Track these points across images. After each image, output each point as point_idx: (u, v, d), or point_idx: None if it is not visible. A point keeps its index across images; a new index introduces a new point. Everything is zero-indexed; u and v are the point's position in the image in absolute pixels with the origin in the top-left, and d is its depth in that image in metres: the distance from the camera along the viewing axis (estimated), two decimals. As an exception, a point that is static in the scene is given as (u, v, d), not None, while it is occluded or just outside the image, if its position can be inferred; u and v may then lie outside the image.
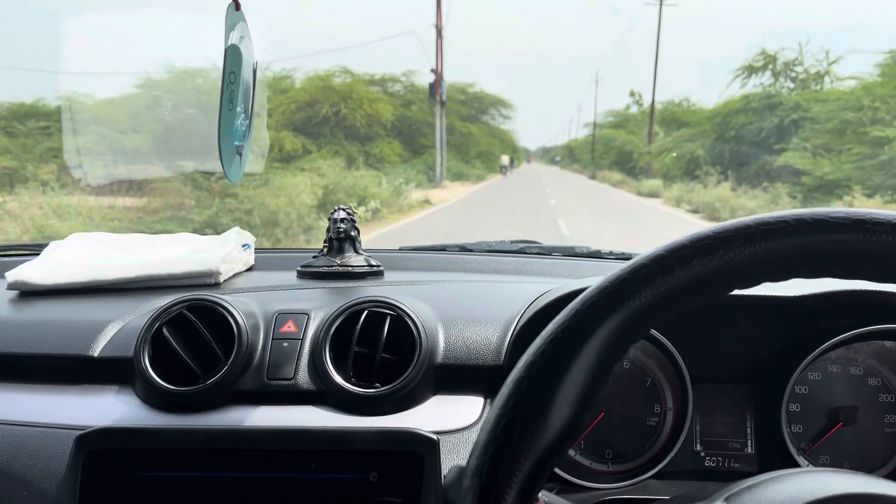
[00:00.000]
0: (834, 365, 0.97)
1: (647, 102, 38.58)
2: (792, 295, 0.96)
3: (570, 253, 1.54)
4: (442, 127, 27.52)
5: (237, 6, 0.69)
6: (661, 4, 34.37)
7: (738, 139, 21.89)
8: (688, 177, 22.24)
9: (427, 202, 18.36)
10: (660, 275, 0.47)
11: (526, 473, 0.46)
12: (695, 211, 17.67)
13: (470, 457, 0.47)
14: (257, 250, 1.41)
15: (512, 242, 1.62)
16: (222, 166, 0.72)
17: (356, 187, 14.20)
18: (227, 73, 0.68)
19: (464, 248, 1.57)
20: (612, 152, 41.60)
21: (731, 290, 0.48)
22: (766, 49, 23.24)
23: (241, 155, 0.76)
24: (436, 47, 27.23)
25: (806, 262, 0.47)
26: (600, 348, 0.47)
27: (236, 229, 1.33)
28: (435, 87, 26.91)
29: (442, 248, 1.57)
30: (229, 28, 0.68)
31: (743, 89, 23.76)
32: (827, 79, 22.30)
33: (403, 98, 30.84)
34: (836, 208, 0.46)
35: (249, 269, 1.34)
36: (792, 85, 22.93)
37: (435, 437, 0.85)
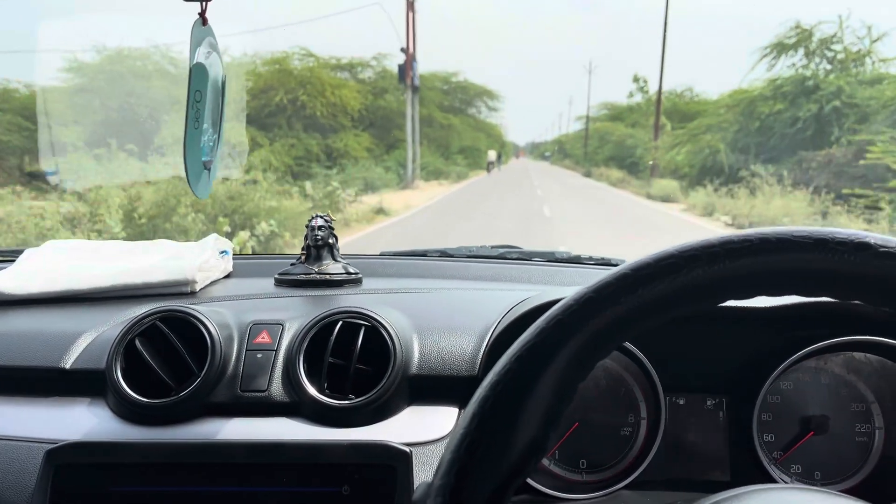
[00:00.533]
0: (805, 374, 0.98)
1: (652, 90, 35.18)
2: (764, 306, 0.97)
3: (551, 259, 1.54)
4: (414, 116, 23.44)
5: (204, 21, 0.68)
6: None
7: (765, 130, 18.21)
8: (707, 176, 18.37)
9: (381, 212, 14.25)
10: (624, 294, 0.47)
11: (490, 493, 0.46)
12: (739, 226, 13.07)
13: (434, 476, 0.47)
14: (236, 257, 1.40)
15: (492, 248, 1.62)
16: (189, 183, 0.72)
17: (244, 203, 9.32)
18: (192, 92, 0.67)
19: (444, 254, 1.57)
20: (608, 147, 38.25)
21: (696, 308, 0.49)
22: (801, 23, 18.98)
23: (209, 170, 0.76)
24: (406, 22, 22.66)
25: (769, 281, 0.47)
26: (566, 366, 0.47)
27: (214, 236, 1.33)
28: (405, 69, 22.66)
29: (423, 254, 1.57)
30: (195, 44, 0.68)
31: (770, 71, 19.56)
32: (868, 60, 18.33)
33: (375, 85, 26.90)
34: (801, 227, 0.47)
35: (227, 277, 1.33)
36: (829, 66, 18.62)
37: (408, 449, 0.85)
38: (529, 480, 0.91)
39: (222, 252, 1.32)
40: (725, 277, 0.47)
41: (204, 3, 0.68)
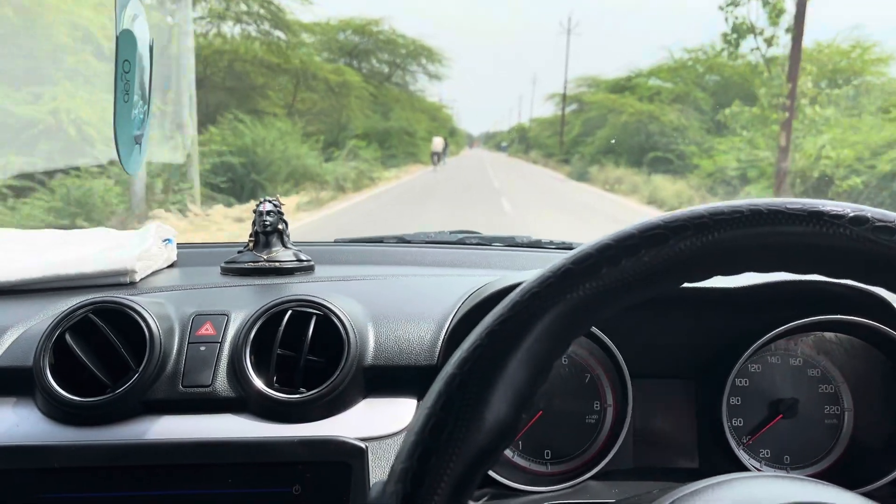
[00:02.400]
0: (774, 356, 0.95)
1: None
2: (730, 286, 0.94)
3: (511, 243, 1.51)
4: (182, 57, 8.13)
5: None
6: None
7: None
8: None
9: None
10: (605, 265, 0.43)
11: (455, 479, 0.41)
12: None
13: (395, 460, 0.43)
14: (180, 245, 1.33)
15: (451, 233, 1.58)
16: (119, 158, 0.65)
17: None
18: (120, 63, 0.61)
19: (402, 240, 1.52)
20: (606, 133, 24.90)
21: (681, 283, 0.45)
22: None
23: (139, 144, 0.69)
24: None
25: (760, 255, 0.43)
26: (540, 342, 0.43)
27: (156, 223, 1.25)
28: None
29: (379, 240, 1.52)
30: (121, 9, 0.61)
31: None
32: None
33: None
34: (789, 199, 0.43)
35: (171, 266, 1.26)
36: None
37: (363, 444, 0.80)
38: (493, 473, 0.86)
39: (165, 240, 1.25)
40: (713, 250, 0.43)
41: None
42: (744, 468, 0.90)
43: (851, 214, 0.42)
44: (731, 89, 20.58)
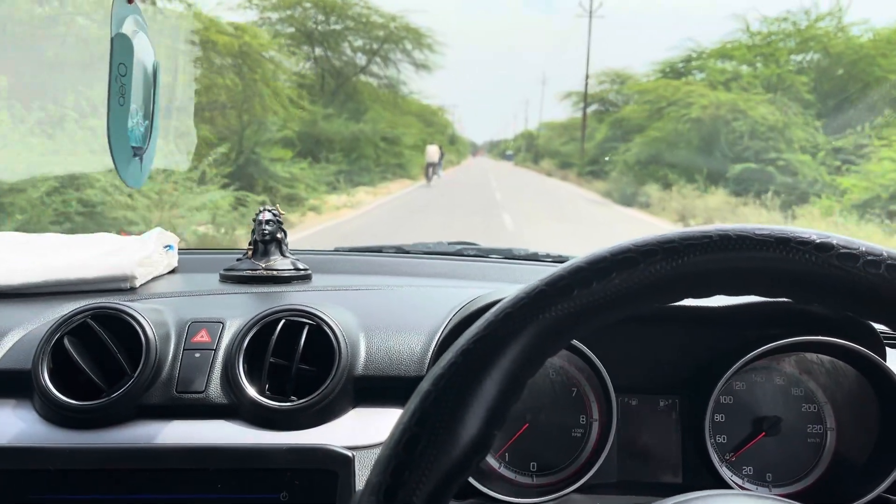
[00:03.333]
0: (758, 375, 0.97)
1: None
2: (717, 305, 0.95)
3: (508, 255, 1.52)
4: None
5: None
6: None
7: None
8: None
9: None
10: (577, 287, 0.45)
11: (428, 493, 0.43)
12: None
13: (370, 473, 0.44)
14: (182, 251, 1.35)
15: (449, 244, 1.59)
16: (115, 167, 0.67)
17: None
18: (115, 65, 0.63)
19: (400, 250, 1.54)
20: (652, 137, 17.66)
21: (652, 306, 0.46)
22: None
23: (140, 158, 0.71)
24: None
25: (728, 279, 0.45)
26: (514, 362, 0.45)
27: (158, 229, 1.28)
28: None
29: (378, 250, 1.54)
30: (117, 17, 0.63)
31: None
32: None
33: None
34: (763, 225, 0.45)
35: (172, 272, 1.28)
36: None
37: (350, 453, 0.82)
38: (478, 485, 0.88)
39: (167, 246, 1.27)
40: (683, 274, 0.45)
41: None
42: (726, 485, 0.91)
43: (817, 241, 0.43)
44: (844, 71, 14.65)
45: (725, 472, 0.93)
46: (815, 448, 0.96)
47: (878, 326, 0.94)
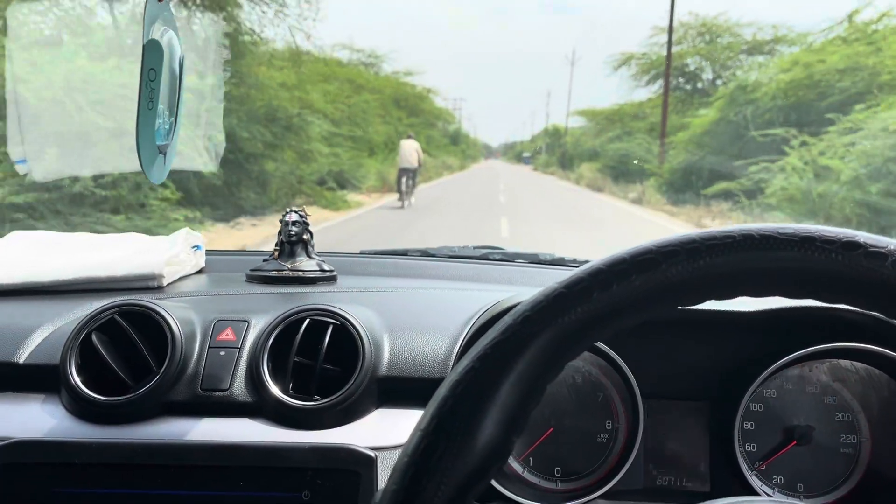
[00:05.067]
0: (790, 382, 0.95)
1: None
2: (748, 310, 0.94)
3: (534, 260, 1.51)
4: None
5: None
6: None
7: None
8: None
9: None
10: (597, 290, 0.44)
11: (446, 500, 0.43)
12: None
13: (388, 480, 0.44)
14: (209, 252, 1.36)
15: (475, 248, 1.59)
16: (141, 166, 0.68)
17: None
18: (145, 71, 0.64)
19: (426, 253, 1.54)
20: None
21: (674, 308, 0.45)
22: None
23: (164, 154, 0.72)
24: None
25: (752, 279, 0.44)
26: (532, 366, 0.44)
27: (186, 230, 1.29)
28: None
29: (403, 253, 1.54)
30: (149, 22, 0.64)
31: None
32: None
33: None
34: (785, 224, 0.44)
35: (199, 272, 1.29)
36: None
37: (372, 453, 0.81)
38: (502, 489, 0.87)
39: (194, 247, 1.28)
40: (706, 275, 0.43)
41: None
42: (755, 494, 0.89)
43: (844, 240, 0.42)
44: None
45: (755, 482, 0.91)
46: (848, 459, 0.93)
47: None
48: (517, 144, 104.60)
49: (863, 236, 0.42)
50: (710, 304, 0.92)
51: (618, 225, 13.96)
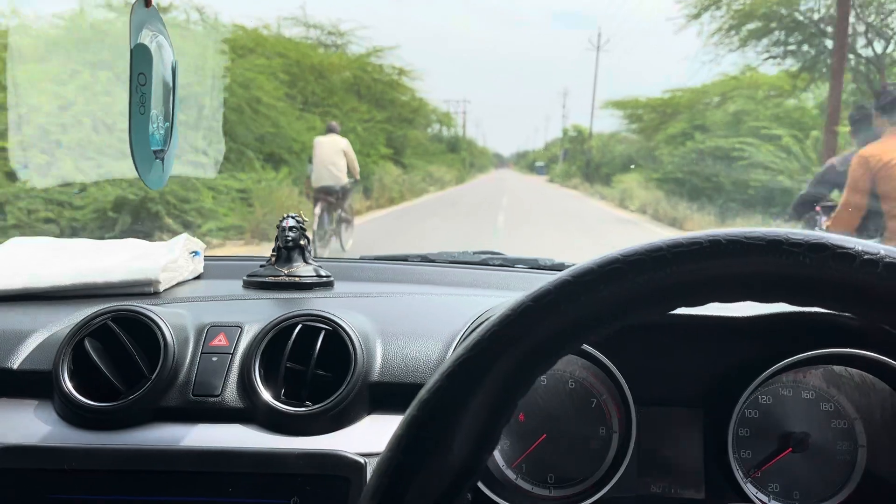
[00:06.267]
0: (785, 389, 0.94)
1: None
2: (741, 316, 0.93)
3: (534, 265, 1.51)
4: None
5: (147, 3, 0.65)
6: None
7: None
8: None
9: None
10: (564, 302, 0.44)
11: None
12: None
13: (360, 499, 0.44)
14: (208, 257, 1.36)
15: (475, 253, 1.58)
16: (137, 172, 0.68)
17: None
18: (135, 75, 0.64)
19: (425, 259, 1.54)
20: None
21: (644, 317, 0.45)
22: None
23: (162, 160, 0.72)
24: None
25: (721, 286, 0.43)
26: (503, 382, 0.44)
27: (185, 235, 1.29)
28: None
29: (403, 258, 1.54)
30: (137, 27, 0.64)
31: None
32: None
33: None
34: (752, 228, 0.43)
35: (197, 278, 1.30)
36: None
37: (362, 460, 0.81)
38: (494, 496, 0.87)
39: (193, 252, 1.29)
40: (674, 283, 0.43)
41: None
42: (750, 501, 0.88)
43: (811, 242, 0.41)
44: None
45: (750, 489, 0.90)
46: (845, 466, 0.92)
47: None
48: (529, 153, 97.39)
49: (831, 238, 0.42)
50: (704, 309, 0.92)
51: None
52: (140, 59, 0.65)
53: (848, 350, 0.87)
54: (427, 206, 18.79)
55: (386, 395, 0.90)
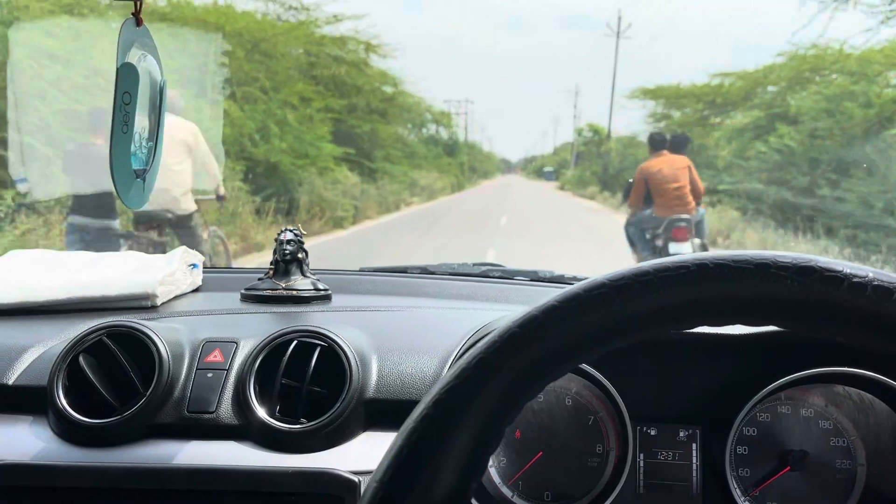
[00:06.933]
0: (784, 406, 0.93)
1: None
2: (739, 333, 0.92)
3: (534, 278, 1.50)
4: None
5: (138, 22, 0.65)
6: None
7: None
8: None
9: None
10: (552, 327, 0.43)
11: None
12: None
13: None
14: (207, 270, 1.36)
15: (475, 265, 1.58)
16: (116, 191, 0.68)
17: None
18: (119, 94, 0.64)
19: (425, 271, 1.53)
20: None
21: (632, 341, 0.44)
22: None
23: (143, 179, 0.72)
24: None
25: (709, 309, 0.43)
26: (490, 409, 0.43)
27: (182, 248, 1.29)
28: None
29: (402, 271, 1.54)
30: (124, 46, 0.64)
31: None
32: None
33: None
34: (740, 251, 0.43)
35: (196, 291, 1.30)
36: None
37: (356, 478, 0.81)
38: None
39: (191, 265, 1.29)
40: (661, 307, 0.42)
41: (137, 4, 0.64)
42: None
43: (799, 265, 0.41)
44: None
45: None
46: (844, 484, 0.91)
47: None
48: (537, 158, 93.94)
49: (819, 261, 0.41)
50: (701, 328, 0.91)
51: None
52: (126, 77, 0.65)
53: (847, 369, 0.86)
54: (392, 228, 14.33)
55: (382, 412, 0.89)
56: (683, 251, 5.46)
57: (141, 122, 0.67)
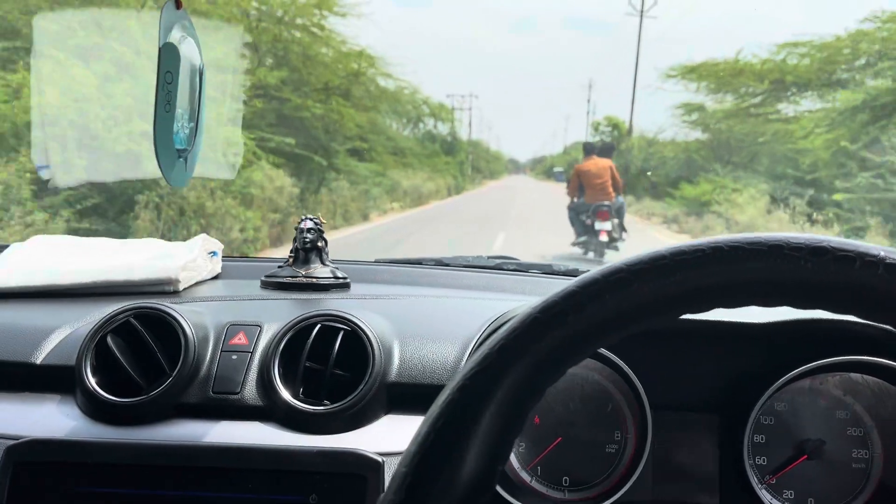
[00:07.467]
0: (801, 395, 0.94)
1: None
2: (757, 322, 0.93)
3: (548, 271, 1.51)
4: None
5: (178, 4, 0.66)
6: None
7: None
8: None
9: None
10: (572, 312, 0.44)
11: None
12: None
13: None
14: (226, 258, 1.38)
15: (489, 258, 1.59)
16: (160, 170, 0.69)
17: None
18: (162, 73, 0.65)
19: (440, 263, 1.55)
20: None
21: (651, 325, 0.45)
22: None
23: (185, 160, 0.73)
24: None
25: (725, 292, 0.44)
26: (513, 394, 0.44)
27: (203, 236, 1.31)
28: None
29: (418, 262, 1.55)
30: (166, 27, 0.65)
31: None
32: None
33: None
34: (754, 234, 0.44)
35: (215, 277, 1.31)
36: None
37: (380, 458, 0.82)
38: (509, 497, 0.87)
39: (211, 252, 1.30)
40: (678, 291, 0.43)
41: None
42: None
43: (812, 246, 0.42)
44: None
45: (765, 495, 0.90)
46: (860, 474, 0.92)
47: None
48: (547, 158, 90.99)
49: (831, 241, 0.42)
50: (721, 315, 0.92)
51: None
52: (168, 57, 0.66)
53: (865, 358, 0.87)
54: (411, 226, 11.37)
55: (403, 396, 0.91)
56: (605, 228, 8.40)
57: (182, 104, 0.69)
